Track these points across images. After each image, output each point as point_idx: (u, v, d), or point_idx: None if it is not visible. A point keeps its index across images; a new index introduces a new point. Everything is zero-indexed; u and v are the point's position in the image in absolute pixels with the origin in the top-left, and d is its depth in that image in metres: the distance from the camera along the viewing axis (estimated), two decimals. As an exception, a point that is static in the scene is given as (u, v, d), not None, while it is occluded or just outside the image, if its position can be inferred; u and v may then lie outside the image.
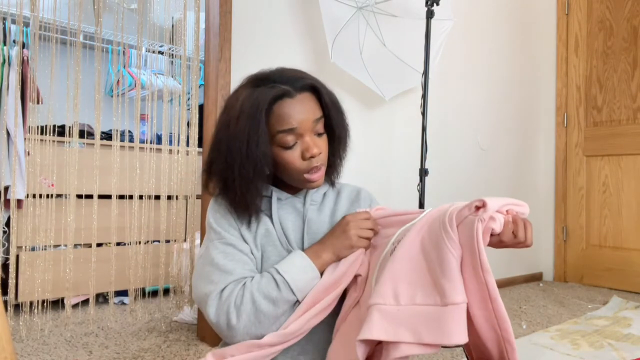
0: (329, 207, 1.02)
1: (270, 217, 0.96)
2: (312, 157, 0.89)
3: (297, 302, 0.87)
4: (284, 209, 0.97)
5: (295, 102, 0.88)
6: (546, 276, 3.10)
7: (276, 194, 0.97)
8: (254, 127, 0.85)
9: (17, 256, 1.98)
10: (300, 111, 0.88)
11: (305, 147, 0.89)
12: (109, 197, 2.18)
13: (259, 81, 0.90)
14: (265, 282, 0.86)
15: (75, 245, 2.17)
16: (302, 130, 0.89)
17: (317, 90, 0.92)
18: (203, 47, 2.00)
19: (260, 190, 0.91)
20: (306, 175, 0.91)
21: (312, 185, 0.93)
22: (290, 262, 0.88)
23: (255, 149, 0.85)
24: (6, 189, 1.97)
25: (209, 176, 0.94)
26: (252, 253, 0.92)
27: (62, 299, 2.06)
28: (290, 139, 0.89)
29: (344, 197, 1.04)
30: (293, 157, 0.90)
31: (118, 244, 2.27)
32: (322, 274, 0.89)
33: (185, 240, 2.20)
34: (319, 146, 0.90)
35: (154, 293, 2.38)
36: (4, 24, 2.16)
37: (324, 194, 1.03)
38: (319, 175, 0.92)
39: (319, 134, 0.92)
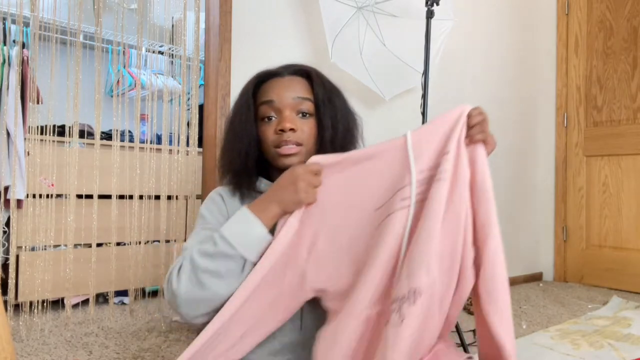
0: None
1: None
2: (283, 130, 0.90)
3: (247, 261, 0.81)
4: None
5: (281, 80, 0.95)
6: (546, 276, 3.10)
7: (268, 186, 0.96)
8: (243, 100, 0.95)
9: (17, 256, 1.98)
10: (282, 87, 0.93)
11: (279, 121, 0.92)
12: (109, 197, 2.17)
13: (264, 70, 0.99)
14: (204, 241, 0.84)
15: (75, 245, 2.17)
16: (281, 105, 0.92)
17: (309, 77, 0.97)
18: (203, 47, 1.99)
19: (247, 161, 0.94)
20: (277, 149, 0.92)
21: (285, 162, 0.91)
22: (231, 219, 0.85)
23: (241, 117, 0.94)
24: (6, 189, 1.97)
25: (221, 157, 1.00)
26: None
27: (62, 299, 2.06)
28: (268, 111, 0.93)
29: None
30: (269, 130, 0.93)
31: (118, 244, 2.27)
32: (273, 229, 0.84)
33: (185, 240, 2.20)
34: (295, 124, 0.91)
35: (154, 293, 2.38)
36: (4, 24, 2.16)
37: None
38: (289, 150, 0.91)
39: (303, 115, 0.93)
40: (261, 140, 0.94)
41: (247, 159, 0.94)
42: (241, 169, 0.95)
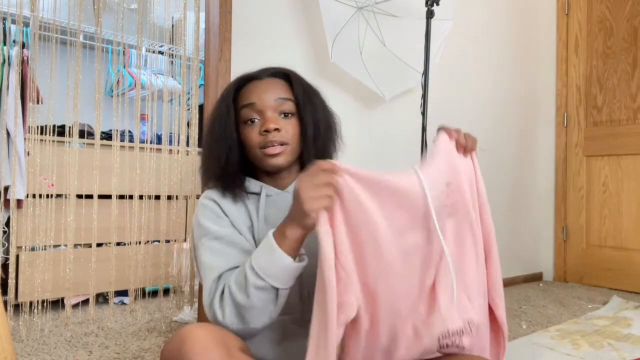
0: None
1: (257, 216, 0.95)
2: (267, 131, 0.91)
3: (279, 289, 0.80)
4: (273, 207, 0.97)
5: (261, 82, 0.96)
6: (546, 276, 3.10)
7: (265, 190, 0.97)
8: (224, 103, 0.96)
9: (17, 256, 1.98)
10: (263, 89, 0.94)
11: (262, 122, 0.93)
12: (109, 197, 2.17)
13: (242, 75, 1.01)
14: (238, 271, 0.84)
15: (75, 245, 2.17)
16: (262, 106, 0.93)
17: (288, 78, 0.98)
18: (203, 47, 1.99)
19: (224, 163, 0.95)
20: (263, 150, 0.93)
21: (272, 162, 0.93)
22: (259, 247, 0.82)
23: (222, 121, 0.95)
24: (6, 189, 1.97)
25: (203, 163, 1.00)
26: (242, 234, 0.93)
27: (62, 299, 2.06)
28: (250, 114, 0.94)
29: None
30: (252, 132, 0.93)
31: (118, 244, 2.27)
32: (297, 253, 0.80)
33: (185, 240, 2.20)
34: (279, 124, 0.92)
35: (154, 293, 2.38)
36: (4, 24, 2.16)
37: None
38: (275, 150, 0.92)
39: (285, 115, 0.95)
40: (245, 143, 0.95)
41: (227, 163, 0.95)
42: (223, 173, 0.95)
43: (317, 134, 0.97)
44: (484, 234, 0.87)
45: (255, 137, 0.93)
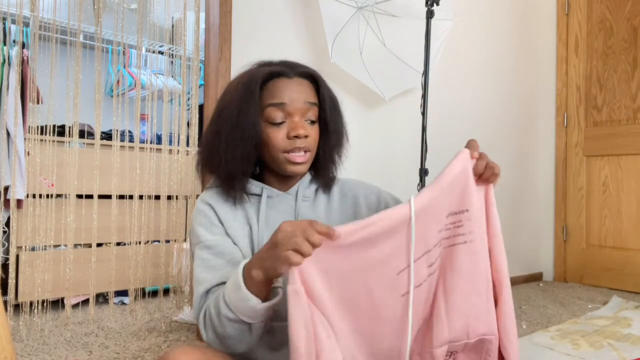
0: (322, 203, 0.97)
1: (257, 219, 0.92)
2: (297, 137, 0.87)
3: (252, 324, 0.77)
4: (274, 209, 0.94)
5: (290, 81, 0.89)
6: (546, 276, 3.10)
7: (266, 191, 0.93)
8: (245, 97, 0.86)
9: (17, 256, 1.98)
10: (293, 90, 0.88)
11: (292, 126, 0.87)
12: (109, 197, 2.18)
13: (261, 63, 0.94)
14: (215, 297, 0.81)
15: (75, 245, 2.17)
16: (292, 109, 0.88)
17: (315, 81, 0.93)
18: (203, 47, 1.99)
19: (246, 164, 0.88)
20: (287, 155, 0.88)
21: (294, 169, 0.89)
22: (230, 279, 0.78)
23: (245, 117, 0.86)
24: (6, 189, 1.97)
25: (200, 150, 0.94)
26: (235, 245, 0.90)
27: (62, 299, 2.06)
28: (278, 114, 0.87)
29: (336, 192, 1.00)
30: (278, 134, 0.88)
31: (118, 244, 2.27)
32: (266, 293, 0.75)
33: (185, 240, 2.20)
34: (307, 130, 0.88)
35: (154, 293, 2.38)
36: (4, 24, 2.16)
37: (316, 190, 0.98)
38: (301, 158, 0.88)
39: (311, 122, 0.90)
40: (266, 143, 0.88)
41: (247, 162, 0.89)
42: (239, 173, 0.89)
43: (337, 143, 0.95)
44: (494, 272, 0.82)
45: (281, 141, 0.87)
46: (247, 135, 0.86)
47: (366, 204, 1.00)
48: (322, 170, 0.96)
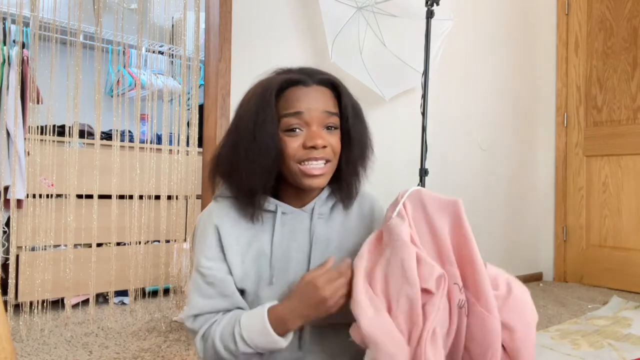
0: (338, 221, 0.93)
1: (272, 236, 0.88)
2: (314, 147, 0.81)
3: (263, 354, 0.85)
4: (288, 226, 0.89)
5: (308, 90, 0.84)
6: (546, 276, 3.10)
7: (281, 208, 0.88)
8: (262, 107, 0.81)
9: (17, 256, 1.98)
10: (311, 98, 0.83)
11: (310, 136, 0.82)
12: (109, 197, 2.18)
13: (279, 70, 0.89)
14: (227, 333, 0.83)
15: (75, 245, 2.17)
16: (309, 118, 0.82)
17: (336, 89, 0.88)
18: (203, 47, 2.00)
19: (267, 179, 0.84)
20: (301, 166, 0.82)
21: (310, 183, 0.83)
22: (253, 319, 0.82)
23: (262, 129, 0.81)
24: (6, 189, 1.97)
25: (216, 162, 0.88)
26: (230, 273, 0.86)
27: (62, 299, 2.06)
28: (294, 123, 0.82)
29: (355, 208, 0.95)
30: (294, 144, 0.82)
31: (118, 244, 2.27)
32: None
33: (185, 240, 2.20)
34: (326, 139, 0.83)
35: (154, 293, 2.38)
36: (4, 24, 2.16)
37: (333, 206, 0.93)
38: (318, 170, 0.83)
39: (330, 128, 0.85)
40: (282, 153, 0.83)
41: (268, 176, 0.83)
42: (259, 188, 0.84)
43: (361, 153, 0.90)
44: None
45: (297, 150, 0.82)
46: (265, 148, 0.81)
47: (378, 217, 0.98)
48: (344, 184, 0.91)
